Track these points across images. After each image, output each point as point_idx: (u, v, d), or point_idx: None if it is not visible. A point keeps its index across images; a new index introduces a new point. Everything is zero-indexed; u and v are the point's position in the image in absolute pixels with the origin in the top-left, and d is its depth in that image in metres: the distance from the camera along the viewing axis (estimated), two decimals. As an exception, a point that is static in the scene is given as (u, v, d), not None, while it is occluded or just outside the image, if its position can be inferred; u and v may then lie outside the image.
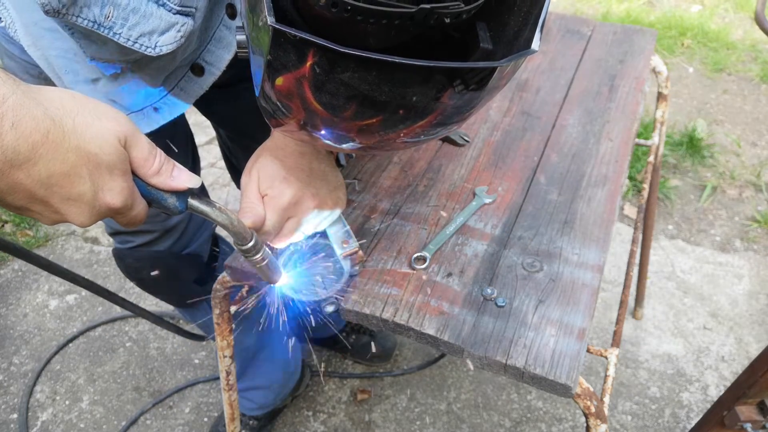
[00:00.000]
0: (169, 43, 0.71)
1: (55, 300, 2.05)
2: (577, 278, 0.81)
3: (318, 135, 0.59)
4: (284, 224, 0.79)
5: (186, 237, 1.19)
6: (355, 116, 0.54)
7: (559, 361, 0.70)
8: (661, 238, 2.21)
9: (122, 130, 0.53)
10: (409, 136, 0.59)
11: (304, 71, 0.50)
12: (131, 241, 1.15)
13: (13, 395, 1.77)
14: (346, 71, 0.49)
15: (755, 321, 1.92)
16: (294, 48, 0.49)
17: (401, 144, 0.63)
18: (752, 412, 0.91)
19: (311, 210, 0.80)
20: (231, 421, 1.18)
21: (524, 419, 1.68)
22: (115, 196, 0.54)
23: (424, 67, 0.48)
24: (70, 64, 0.82)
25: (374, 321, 0.77)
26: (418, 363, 1.82)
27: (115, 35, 0.69)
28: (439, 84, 0.51)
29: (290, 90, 0.53)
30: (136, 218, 0.59)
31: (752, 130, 2.73)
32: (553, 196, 0.95)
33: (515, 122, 1.13)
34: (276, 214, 0.77)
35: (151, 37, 0.70)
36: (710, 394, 1.73)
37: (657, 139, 1.47)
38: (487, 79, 0.53)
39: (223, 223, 0.61)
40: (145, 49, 0.71)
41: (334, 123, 0.56)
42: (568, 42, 1.38)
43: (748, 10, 3.63)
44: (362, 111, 0.53)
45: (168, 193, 0.58)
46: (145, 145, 0.56)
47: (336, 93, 0.51)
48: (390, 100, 0.51)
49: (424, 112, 0.54)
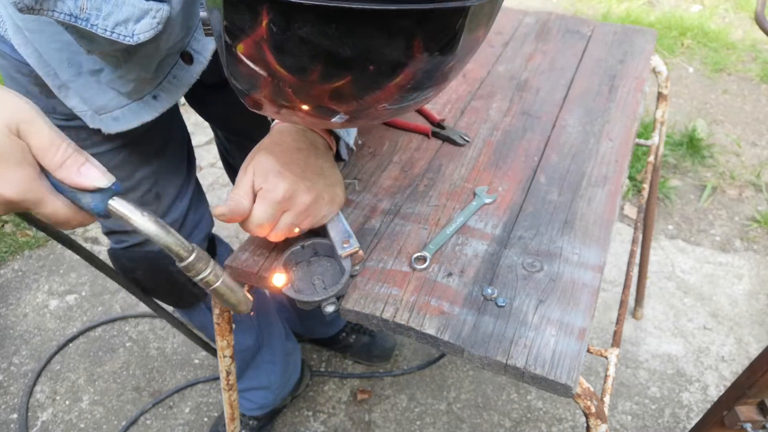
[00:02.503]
0: (145, 31, 0.70)
1: (55, 300, 2.05)
2: (577, 278, 0.81)
3: (297, 111, 0.57)
4: (279, 218, 0.78)
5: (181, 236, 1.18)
6: (323, 78, 0.51)
7: (560, 361, 0.70)
8: (661, 238, 2.22)
9: (15, 118, 0.51)
10: (390, 102, 0.56)
11: (261, 32, 0.48)
12: (125, 240, 1.15)
13: (13, 395, 1.77)
14: (304, 26, 0.46)
15: (755, 321, 1.92)
16: (247, 8, 0.47)
17: (384, 111, 0.60)
18: (752, 412, 0.91)
19: (306, 204, 0.79)
20: (231, 421, 1.18)
21: (524, 419, 1.68)
22: (7, 187, 0.51)
23: (386, 12, 0.45)
24: (74, 57, 0.82)
25: (374, 321, 0.77)
26: (418, 363, 1.82)
27: (93, 27, 0.68)
28: (407, 32, 0.48)
29: (252, 56, 0.51)
30: (56, 216, 0.56)
31: (752, 130, 2.73)
32: (554, 196, 0.95)
33: (515, 122, 1.13)
34: (270, 207, 0.76)
35: (126, 25, 0.69)
36: (710, 394, 1.73)
37: (657, 139, 1.47)
38: (460, 25, 0.49)
39: (147, 232, 0.56)
40: (123, 38, 0.69)
41: (304, 89, 0.53)
42: (568, 42, 1.38)
43: (748, 10, 3.63)
44: (329, 71, 0.50)
45: (83, 191, 0.54)
46: (45, 134, 0.53)
47: (298, 53, 0.49)
48: (355, 55, 0.48)
49: (396, 68, 0.51)
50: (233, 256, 0.86)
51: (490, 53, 1.35)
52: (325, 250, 0.83)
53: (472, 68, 1.30)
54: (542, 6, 3.83)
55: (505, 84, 1.24)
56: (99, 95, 0.86)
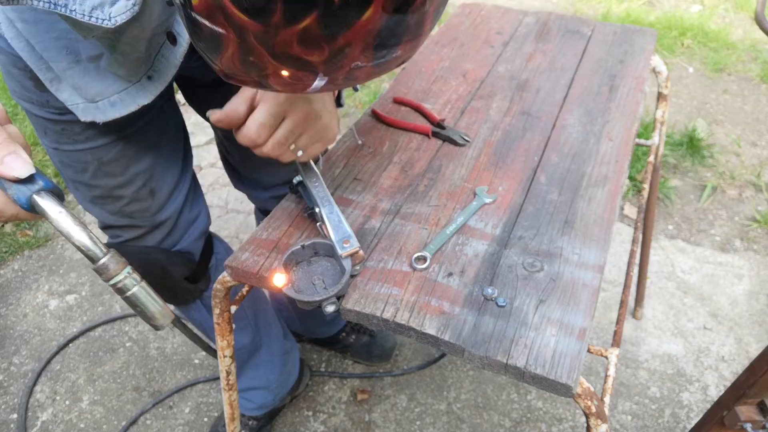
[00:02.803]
0: (122, 13, 0.70)
1: (55, 300, 2.05)
2: (577, 278, 0.81)
3: (270, 74, 0.56)
4: (279, 124, 0.78)
5: (176, 233, 1.19)
6: (287, 18, 0.49)
7: (560, 361, 0.70)
8: (661, 238, 2.22)
9: None
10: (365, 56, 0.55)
11: None
12: (120, 236, 1.15)
13: (13, 395, 1.77)
14: None
15: (755, 321, 1.92)
16: None
17: (362, 71, 0.58)
18: (752, 412, 0.91)
19: (306, 112, 0.78)
20: (231, 421, 1.18)
21: (524, 419, 1.68)
22: None
23: None
24: (72, 44, 0.82)
25: (375, 321, 0.77)
26: (418, 363, 1.82)
27: (71, 12, 0.68)
28: None
29: (209, 7, 0.50)
30: None
31: (752, 130, 2.73)
32: (554, 196, 0.95)
33: (515, 122, 1.13)
34: (272, 107, 0.76)
35: (102, 9, 0.69)
36: (710, 394, 1.73)
37: (657, 139, 1.47)
38: None
39: (62, 229, 0.55)
40: (102, 21, 0.69)
41: (269, 36, 0.51)
42: (568, 42, 1.38)
43: (748, 10, 3.63)
44: (292, 8, 0.48)
45: (9, 182, 0.54)
46: None
47: None
48: None
49: (363, 4, 0.49)
50: (233, 256, 0.86)
51: (490, 53, 1.35)
52: (325, 250, 0.83)
53: (472, 68, 1.30)
54: (542, 6, 3.83)
55: (505, 84, 1.24)
56: (97, 81, 0.87)
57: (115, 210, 1.11)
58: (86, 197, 1.11)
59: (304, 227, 0.90)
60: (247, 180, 1.36)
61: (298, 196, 0.95)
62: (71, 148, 1.01)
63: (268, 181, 1.34)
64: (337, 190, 0.97)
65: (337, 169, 1.02)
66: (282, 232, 0.89)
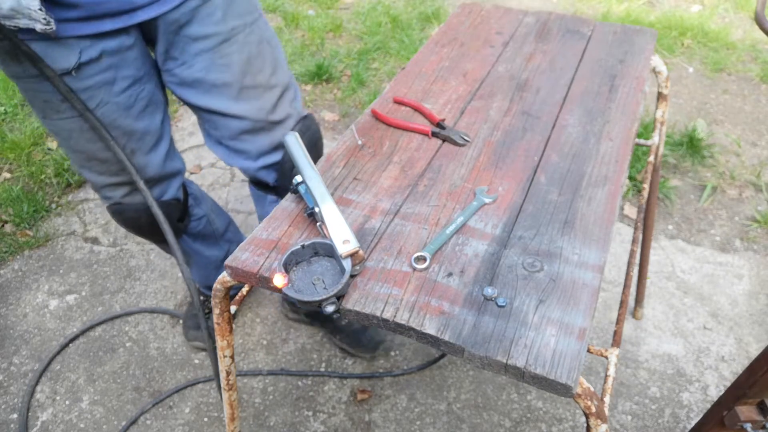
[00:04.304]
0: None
1: (55, 300, 2.05)
2: (577, 278, 0.81)
3: None
4: None
5: (162, 185, 1.38)
6: None
7: (560, 360, 0.70)
8: (661, 238, 2.22)
9: None
10: None
11: None
12: (111, 196, 1.34)
13: (13, 395, 1.77)
14: None
15: (755, 321, 1.92)
16: None
17: None
18: (752, 412, 0.91)
19: None
20: (231, 421, 1.18)
21: (524, 419, 1.68)
22: None
23: None
24: None
25: (375, 321, 0.77)
26: (418, 363, 1.82)
27: None
28: None
29: None
30: None
31: (752, 130, 2.73)
32: (554, 196, 0.95)
33: (515, 122, 1.13)
34: None
35: None
36: (710, 394, 1.73)
37: (657, 139, 1.47)
38: None
39: None
40: None
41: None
42: (568, 42, 1.38)
43: (748, 10, 3.63)
44: None
45: None
46: None
47: None
48: None
49: None
50: (233, 256, 0.86)
51: (490, 53, 1.35)
52: (325, 250, 0.83)
53: (472, 68, 1.30)
54: (542, 6, 3.83)
55: (505, 84, 1.24)
56: None
57: (102, 170, 1.27)
58: (76, 161, 1.27)
59: (304, 227, 0.90)
60: (235, 152, 1.41)
61: (298, 196, 0.95)
62: (57, 118, 1.16)
63: (255, 150, 1.38)
64: (337, 190, 0.97)
65: (337, 169, 1.02)
66: (282, 232, 0.89)
